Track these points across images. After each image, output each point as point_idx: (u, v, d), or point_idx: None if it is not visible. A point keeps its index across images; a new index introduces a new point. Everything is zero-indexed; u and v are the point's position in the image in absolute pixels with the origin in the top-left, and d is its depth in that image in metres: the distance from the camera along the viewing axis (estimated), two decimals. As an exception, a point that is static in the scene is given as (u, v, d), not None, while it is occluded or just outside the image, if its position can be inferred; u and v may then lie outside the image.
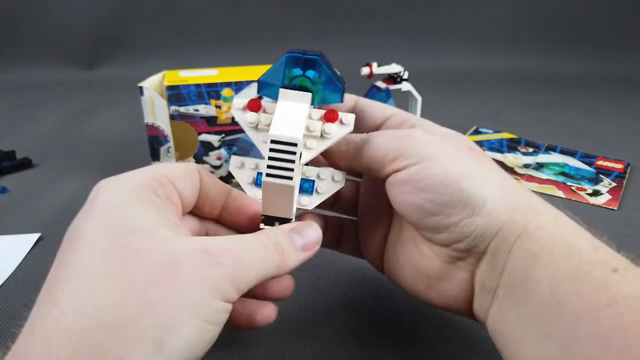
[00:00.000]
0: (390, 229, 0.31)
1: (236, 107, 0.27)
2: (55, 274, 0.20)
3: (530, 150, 0.66)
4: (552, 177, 0.59)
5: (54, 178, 0.59)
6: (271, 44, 1.08)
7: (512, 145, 0.68)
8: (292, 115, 0.25)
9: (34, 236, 0.46)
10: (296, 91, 0.26)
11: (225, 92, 0.52)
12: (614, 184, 0.57)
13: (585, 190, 0.56)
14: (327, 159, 0.30)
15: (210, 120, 0.53)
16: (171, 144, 0.53)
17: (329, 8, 1.15)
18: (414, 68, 0.74)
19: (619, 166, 0.61)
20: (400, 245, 0.29)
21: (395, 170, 0.26)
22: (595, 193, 0.55)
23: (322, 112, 0.27)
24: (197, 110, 0.52)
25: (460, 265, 0.26)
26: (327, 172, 0.29)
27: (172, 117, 0.52)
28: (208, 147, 0.54)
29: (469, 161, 0.26)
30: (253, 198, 0.28)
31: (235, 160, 0.29)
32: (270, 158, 0.24)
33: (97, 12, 1.10)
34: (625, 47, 1.12)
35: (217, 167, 0.56)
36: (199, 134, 0.53)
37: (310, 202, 0.28)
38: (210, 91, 0.51)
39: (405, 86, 0.66)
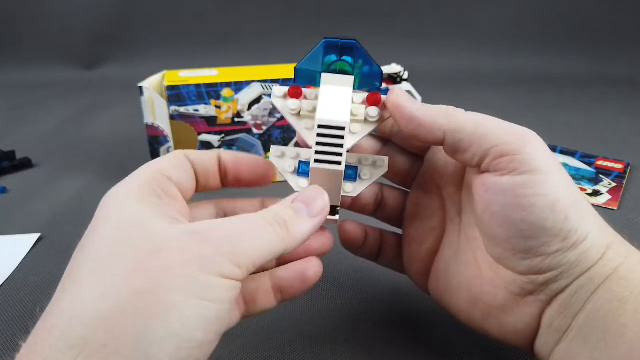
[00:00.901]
0: (442, 245, 0.29)
1: (277, 94, 0.27)
2: (59, 292, 0.20)
3: (530, 150, 0.66)
4: (552, 177, 0.59)
5: (54, 178, 0.59)
6: (271, 44, 1.08)
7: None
8: (337, 99, 0.25)
9: (34, 236, 0.46)
10: (338, 75, 0.26)
11: (225, 92, 0.52)
12: (614, 184, 0.57)
13: (585, 190, 0.56)
14: (410, 131, 0.25)
15: (210, 121, 0.53)
16: (171, 144, 0.53)
17: (329, 8, 1.15)
18: (414, 68, 0.74)
19: (619, 166, 0.61)
20: (455, 266, 0.27)
21: (497, 170, 0.23)
22: (595, 193, 0.55)
23: (364, 95, 0.26)
24: (197, 111, 0.52)
25: (529, 300, 0.24)
26: (369, 157, 0.28)
27: (172, 117, 0.52)
28: (208, 147, 0.54)
29: (575, 188, 0.23)
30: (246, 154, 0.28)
31: (275, 150, 0.28)
32: (318, 143, 0.24)
33: (97, 12, 1.10)
34: (625, 47, 1.12)
35: (217, 167, 0.56)
36: (199, 134, 0.53)
37: (354, 188, 0.27)
38: (210, 91, 0.51)
39: (405, 86, 0.66)
